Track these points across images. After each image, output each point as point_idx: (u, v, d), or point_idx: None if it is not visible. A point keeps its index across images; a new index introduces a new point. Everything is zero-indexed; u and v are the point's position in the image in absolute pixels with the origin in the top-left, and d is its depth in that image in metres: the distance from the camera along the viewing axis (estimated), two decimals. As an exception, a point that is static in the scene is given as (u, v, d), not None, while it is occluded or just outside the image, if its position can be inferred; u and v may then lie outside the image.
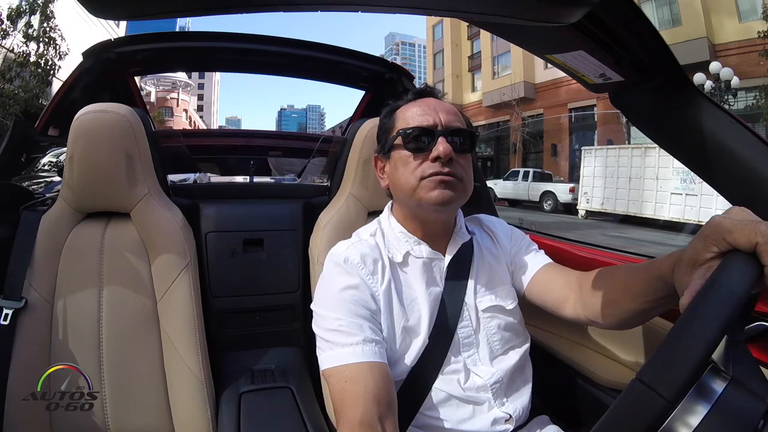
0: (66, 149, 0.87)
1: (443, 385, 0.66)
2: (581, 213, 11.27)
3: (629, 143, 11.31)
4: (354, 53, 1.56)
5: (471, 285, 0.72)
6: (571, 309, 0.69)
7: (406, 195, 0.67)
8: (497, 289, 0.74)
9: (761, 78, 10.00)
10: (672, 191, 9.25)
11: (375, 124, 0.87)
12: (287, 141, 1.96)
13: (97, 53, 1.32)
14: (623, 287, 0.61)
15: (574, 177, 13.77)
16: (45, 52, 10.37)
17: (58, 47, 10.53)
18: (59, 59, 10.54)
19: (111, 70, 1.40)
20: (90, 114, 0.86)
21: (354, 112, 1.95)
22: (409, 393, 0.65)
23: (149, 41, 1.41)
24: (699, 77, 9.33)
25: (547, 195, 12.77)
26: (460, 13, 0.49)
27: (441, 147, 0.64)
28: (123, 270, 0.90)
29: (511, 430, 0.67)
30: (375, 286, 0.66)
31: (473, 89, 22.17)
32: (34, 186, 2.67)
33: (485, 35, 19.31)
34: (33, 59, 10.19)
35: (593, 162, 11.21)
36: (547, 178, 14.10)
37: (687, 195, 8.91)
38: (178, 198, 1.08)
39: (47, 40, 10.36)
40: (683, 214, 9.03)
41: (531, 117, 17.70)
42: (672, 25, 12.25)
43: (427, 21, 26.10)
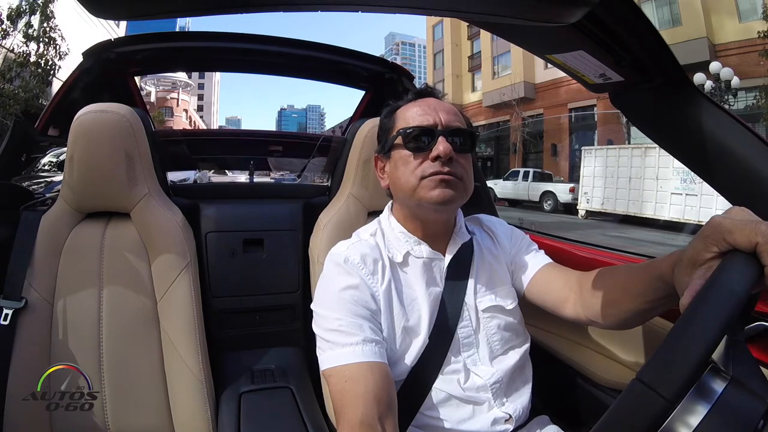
0: (66, 149, 0.87)
1: (443, 385, 0.66)
2: (581, 213, 11.26)
3: (629, 143, 11.31)
4: (354, 53, 1.56)
5: (471, 285, 0.72)
6: (571, 309, 0.69)
7: (406, 194, 0.67)
8: (497, 289, 0.74)
9: (761, 78, 9.99)
10: (672, 191, 9.25)
11: (375, 124, 0.87)
12: (287, 141, 1.96)
13: (97, 53, 1.32)
14: (623, 287, 0.61)
15: (574, 177, 13.76)
16: (45, 52, 10.36)
17: (58, 47, 10.52)
18: (59, 59, 10.53)
19: (111, 70, 1.40)
20: (90, 114, 0.86)
21: (354, 112, 1.95)
22: (409, 393, 0.65)
23: (149, 41, 1.41)
24: (699, 77, 9.33)
25: (547, 195, 12.76)
26: (460, 13, 0.49)
27: (441, 146, 0.64)
28: (123, 270, 0.90)
29: (511, 430, 0.67)
30: (375, 286, 0.66)
31: (473, 89, 22.16)
32: (34, 186, 2.68)
33: (485, 35, 19.31)
34: (33, 59, 10.18)
35: (593, 162, 11.21)
36: (547, 178, 14.09)
37: (687, 195, 8.91)
38: (178, 198, 1.08)
39: (47, 40, 10.36)
40: (683, 214, 9.02)
41: (531, 117, 17.69)
42: (672, 25, 12.25)
43: (427, 21, 26.11)
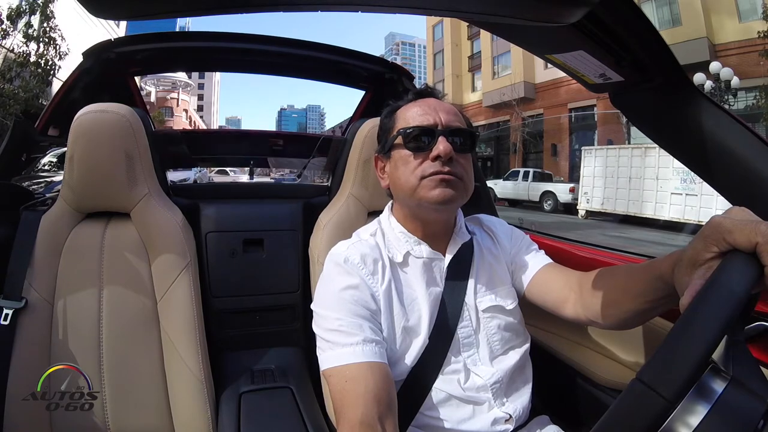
0: (66, 149, 0.87)
1: (443, 385, 0.66)
2: (581, 213, 11.26)
3: (629, 143, 11.31)
4: (354, 53, 1.56)
5: (471, 285, 0.72)
6: (572, 309, 0.69)
7: (406, 194, 0.67)
8: (497, 289, 0.74)
9: (761, 78, 9.99)
10: (672, 191, 9.24)
11: (375, 124, 0.87)
12: (287, 138, 1.95)
13: (97, 53, 1.32)
14: (623, 287, 0.61)
15: (574, 177, 13.76)
16: (45, 52, 10.36)
17: (58, 47, 10.51)
18: (59, 59, 10.52)
19: (111, 70, 1.40)
20: (90, 114, 0.86)
21: (354, 112, 1.95)
22: (409, 393, 0.65)
23: (149, 41, 1.41)
24: (699, 77, 9.33)
25: (547, 195, 12.76)
26: (460, 13, 0.49)
27: (441, 146, 0.64)
28: (123, 270, 0.90)
29: (511, 430, 0.67)
30: (375, 286, 0.66)
31: (473, 89, 22.15)
32: (34, 186, 2.68)
33: (485, 35, 19.31)
34: (33, 59, 10.18)
35: (593, 162, 11.20)
36: (547, 178, 14.09)
37: (687, 195, 8.91)
38: (178, 198, 1.08)
39: (47, 40, 10.35)
40: (683, 214, 9.02)
41: (531, 117, 17.69)
42: (672, 25, 12.25)
43: (427, 21, 26.10)
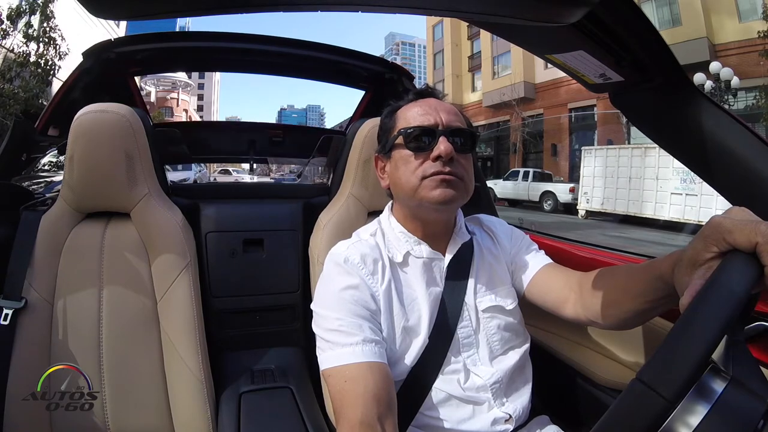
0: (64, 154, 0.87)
1: (443, 385, 0.66)
2: (581, 213, 11.26)
3: (629, 143, 11.31)
4: (354, 53, 1.56)
5: (471, 285, 0.72)
6: (572, 309, 0.69)
7: (407, 194, 0.67)
8: (497, 289, 0.74)
9: (761, 78, 9.98)
10: (672, 191, 9.24)
11: (375, 124, 0.87)
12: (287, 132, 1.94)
13: (97, 53, 1.32)
14: (623, 287, 0.61)
15: (574, 177, 13.75)
16: (45, 52, 10.35)
17: (58, 47, 10.50)
18: (59, 59, 10.52)
19: (111, 70, 1.40)
20: (90, 114, 0.86)
21: (354, 112, 1.95)
22: (409, 393, 0.65)
23: (149, 41, 1.41)
24: (699, 77, 9.32)
25: (547, 195, 12.76)
26: (460, 13, 0.49)
27: (442, 146, 0.64)
28: (123, 270, 0.90)
29: (511, 430, 0.67)
30: (375, 286, 0.66)
31: (473, 89, 22.14)
32: (34, 186, 2.67)
33: (485, 35, 19.30)
34: (33, 59, 10.17)
35: (593, 162, 11.20)
36: (547, 178, 14.09)
37: (687, 195, 8.90)
38: (178, 198, 1.08)
39: (47, 40, 10.34)
40: (683, 214, 9.02)
41: (531, 117, 17.68)
42: (672, 25, 12.24)
43: (427, 21, 26.09)
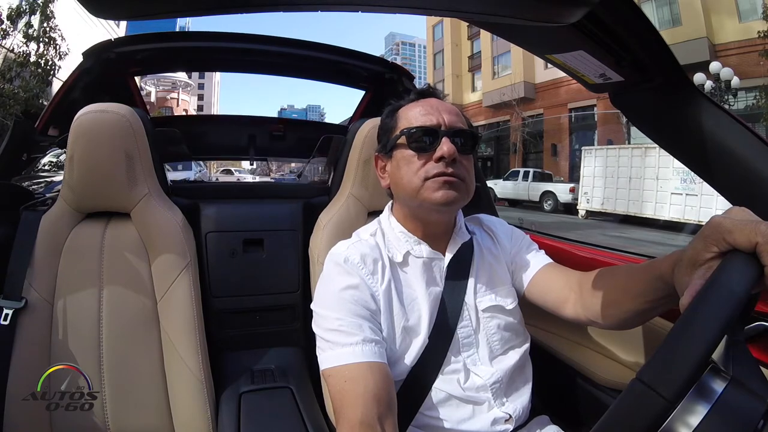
0: (66, 149, 0.87)
1: (443, 385, 0.66)
2: (581, 213, 11.26)
3: (629, 143, 11.31)
4: (354, 53, 1.56)
5: (471, 285, 0.72)
6: (572, 309, 0.69)
7: (409, 195, 0.67)
8: (497, 289, 0.74)
9: (761, 78, 9.98)
10: (672, 191, 9.24)
11: (375, 124, 0.87)
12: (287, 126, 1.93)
13: (97, 53, 1.32)
14: (623, 287, 0.61)
15: (574, 177, 13.75)
16: (45, 52, 10.35)
17: (58, 47, 10.50)
18: (59, 59, 10.51)
19: (111, 70, 1.40)
20: (90, 114, 0.86)
21: (354, 112, 1.95)
22: (409, 393, 0.65)
23: (149, 41, 1.41)
24: (699, 77, 9.32)
25: (547, 195, 12.75)
26: (460, 13, 0.49)
27: (445, 147, 0.64)
28: (123, 270, 0.90)
29: (511, 430, 0.67)
30: (375, 285, 0.66)
31: (473, 89, 22.13)
32: (34, 186, 2.68)
33: (485, 35, 19.30)
34: (33, 59, 10.17)
35: (593, 162, 11.19)
36: (547, 178, 14.08)
37: (687, 195, 8.90)
38: (178, 198, 1.08)
39: (47, 40, 10.34)
40: (683, 214, 9.02)
41: (531, 117, 17.68)
42: (672, 25, 12.24)
43: (427, 21, 26.08)
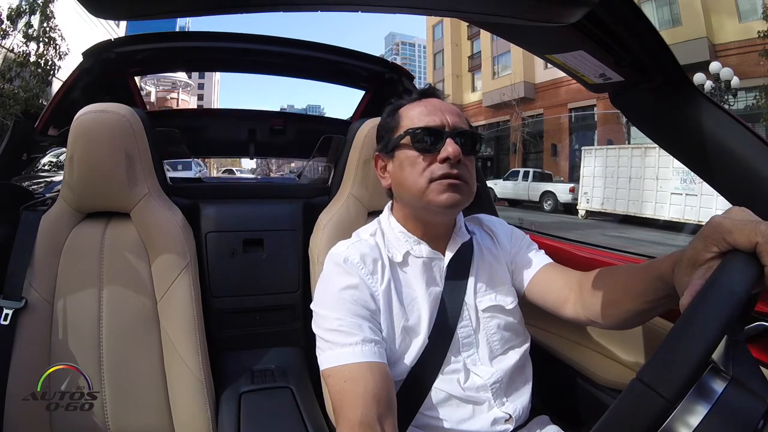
0: (66, 149, 0.87)
1: (443, 385, 0.66)
2: (581, 213, 11.26)
3: (629, 143, 11.31)
4: (354, 53, 1.56)
5: (471, 285, 0.72)
6: (572, 309, 0.69)
7: (413, 196, 0.66)
8: (497, 289, 0.74)
9: (761, 78, 9.98)
10: (672, 191, 9.24)
11: (375, 124, 0.86)
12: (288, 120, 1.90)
13: (97, 53, 1.32)
14: (623, 287, 0.61)
15: (574, 177, 13.75)
16: (45, 52, 10.35)
17: (58, 47, 10.50)
18: (59, 59, 10.52)
19: (111, 70, 1.40)
20: (90, 114, 0.86)
21: (354, 112, 1.95)
22: (409, 393, 0.65)
23: (149, 41, 1.41)
24: (699, 77, 9.31)
25: (547, 195, 12.75)
26: (460, 13, 0.49)
27: (450, 148, 0.64)
28: (123, 270, 0.90)
29: (511, 430, 0.67)
30: (375, 285, 0.66)
31: (473, 89, 22.13)
32: (34, 186, 2.68)
33: (485, 35, 19.30)
34: (33, 59, 10.17)
35: (593, 162, 11.20)
36: (547, 178, 14.08)
37: (687, 195, 8.90)
38: (178, 198, 1.08)
39: (47, 40, 10.34)
40: (683, 214, 9.02)
41: (531, 117, 17.68)
42: (672, 25, 12.24)
43: (427, 21, 26.09)
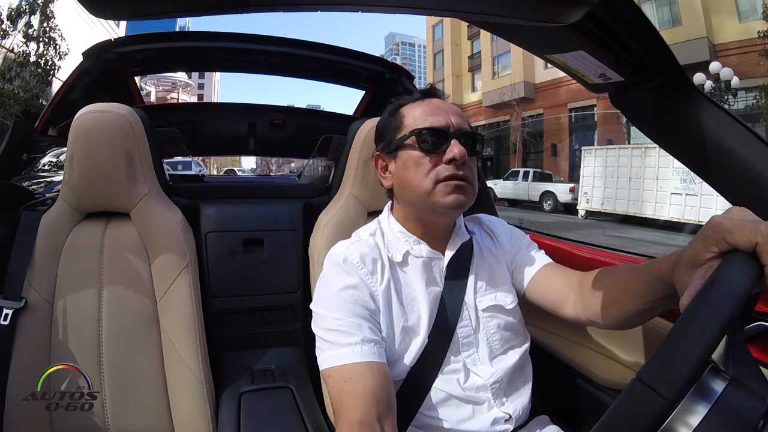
0: (66, 149, 0.87)
1: (443, 385, 0.66)
2: (581, 213, 11.26)
3: (629, 143, 11.31)
4: (354, 53, 1.56)
5: (471, 284, 0.72)
6: (571, 309, 0.69)
7: (419, 197, 0.66)
8: (497, 289, 0.74)
9: (761, 78, 9.98)
10: (672, 191, 9.24)
11: (375, 124, 0.87)
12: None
13: (97, 53, 1.32)
14: (623, 287, 0.61)
15: (574, 177, 13.75)
16: (45, 52, 10.36)
17: (58, 47, 10.51)
18: (59, 59, 10.52)
19: (111, 70, 1.40)
20: (90, 114, 0.86)
21: (354, 112, 1.95)
22: (409, 393, 0.65)
23: (149, 41, 1.41)
24: (699, 77, 9.31)
25: (547, 195, 12.75)
26: (460, 13, 0.49)
27: (456, 149, 0.63)
28: (123, 270, 0.90)
29: (511, 430, 0.67)
30: (374, 285, 0.66)
31: (473, 89, 22.12)
32: (34, 186, 2.68)
33: (485, 35, 19.30)
34: (33, 59, 10.17)
35: (593, 162, 11.19)
36: (547, 178, 14.08)
37: (687, 195, 8.90)
38: (178, 198, 1.08)
39: (47, 40, 10.35)
40: (683, 214, 9.02)
41: (531, 117, 17.68)
42: (672, 25, 12.24)
43: (427, 21, 26.09)
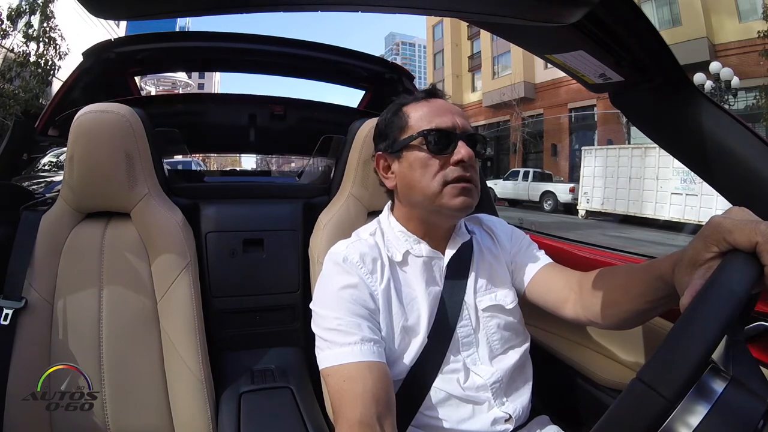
0: (66, 149, 0.87)
1: (443, 385, 0.66)
2: (581, 213, 11.26)
3: (629, 143, 11.31)
4: (354, 53, 1.56)
5: (471, 284, 0.72)
6: (571, 309, 0.69)
7: (426, 198, 0.65)
8: (497, 289, 0.74)
9: (761, 78, 9.97)
10: (672, 191, 9.24)
11: (375, 124, 0.87)
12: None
13: (97, 53, 1.32)
14: (623, 287, 0.61)
15: (574, 177, 13.75)
16: (45, 52, 10.35)
17: (58, 47, 10.51)
18: (59, 59, 10.52)
19: (111, 70, 1.40)
20: (90, 114, 0.86)
21: (354, 112, 1.94)
22: (409, 392, 0.65)
23: (149, 41, 1.41)
24: (699, 77, 9.32)
25: (547, 195, 12.75)
26: (460, 13, 0.49)
27: (463, 150, 0.64)
28: (123, 270, 0.90)
29: (511, 430, 0.67)
30: (374, 285, 0.66)
31: (473, 89, 22.12)
32: (34, 186, 2.68)
33: (485, 35, 19.30)
34: (33, 59, 10.17)
35: (593, 162, 11.19)
36: (547, 178, 14.08)
37: (687, 195, 8.90)
38: (178, 198, 1.08)
39: (47, 40, 10.34)
40: (683, 214, 9.02)
41: (531, 117, 17.68)
42: (672, 25, 12.24)
43: (427, 21, 26.09)
